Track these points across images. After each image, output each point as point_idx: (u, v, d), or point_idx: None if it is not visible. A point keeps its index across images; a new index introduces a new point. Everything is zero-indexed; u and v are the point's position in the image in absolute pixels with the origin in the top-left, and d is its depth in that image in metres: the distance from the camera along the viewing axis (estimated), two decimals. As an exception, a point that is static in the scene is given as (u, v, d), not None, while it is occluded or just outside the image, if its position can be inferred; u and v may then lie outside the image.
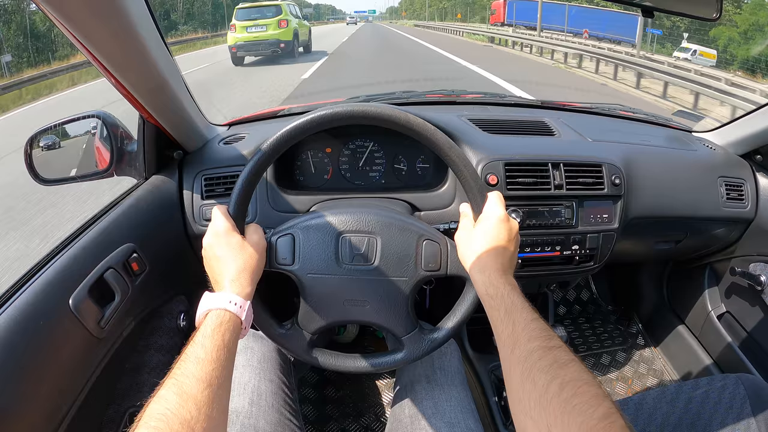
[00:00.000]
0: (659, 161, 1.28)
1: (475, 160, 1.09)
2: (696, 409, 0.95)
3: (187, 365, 0.58)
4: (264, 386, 0.94)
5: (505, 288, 0.68)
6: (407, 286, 0.82)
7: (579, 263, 1.18)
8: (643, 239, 1.35)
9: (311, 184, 1.19)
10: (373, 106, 0.78)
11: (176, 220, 1.11)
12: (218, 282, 0.74)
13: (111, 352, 0.90)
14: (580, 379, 0.51)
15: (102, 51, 0.72)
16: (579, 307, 2.02)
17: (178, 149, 1.13)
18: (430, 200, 1.09)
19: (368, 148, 1.19)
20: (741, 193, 1.31)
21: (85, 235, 0.90)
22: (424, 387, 0.96)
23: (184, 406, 0.52)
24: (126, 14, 0.69)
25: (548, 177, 1.12)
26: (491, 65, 11.00)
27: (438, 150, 0.79)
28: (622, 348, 1.78)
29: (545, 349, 0.56)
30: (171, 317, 1.12)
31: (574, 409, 0.48)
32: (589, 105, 1.63)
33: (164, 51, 0.85)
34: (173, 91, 0.94)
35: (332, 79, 9.53)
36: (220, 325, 0.65)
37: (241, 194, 0.78)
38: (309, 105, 1.43)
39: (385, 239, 0.82)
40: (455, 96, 1.63)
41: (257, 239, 0.79)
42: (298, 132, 0.77)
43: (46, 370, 0.73)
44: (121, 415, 0.94)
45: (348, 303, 0.83)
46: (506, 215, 0.78)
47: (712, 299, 1.54)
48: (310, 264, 0.82)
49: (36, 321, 0.73)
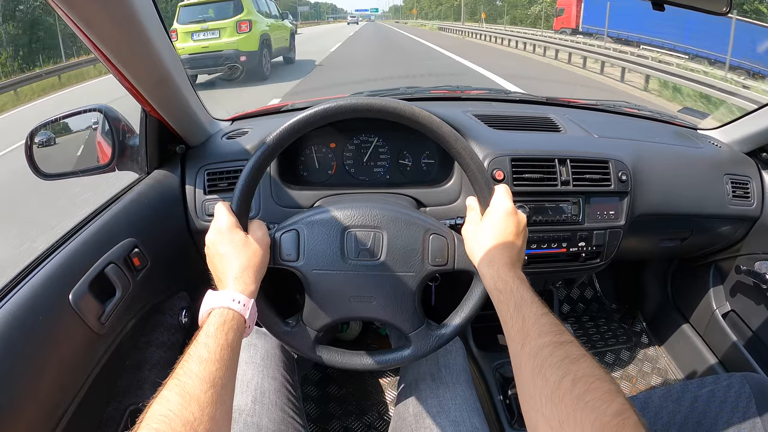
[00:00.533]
0: (665, 158, 1.27)
1: (482, 155, 1.08)
2: (702, 407, 0.94)
3: (190, 365, 0.56)
4: (267, 384, 0.93)
5: (515, 282, 0.67)
6: (414, 282, 0.81)
7: (585, 260, 1.17)
8: (649, 236, 1.34)
9: (315, 179, 1.18)
10: (378, 99, 0.77)
11: (178, 215, 1.10)
12: (222, 280, 0.72)
13: (111, 348, 0.89)
14: (593, 374, 0.50)
15: (106, 43, 0.71)
16: (583, 305, 2.01)
17: (180, 144, 1.12)
18: (435, 196, 1.08)
19: (373, 143, 1.18)
20: (747, 191, 1.30)
21: (85, 229, 0.89)
22: (428, 385, 0.95)
23: (187, 407, 0.51)
24: (130, 5, 0.68)
25: (555, 173, 1.11)
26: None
27: (444, 143, 0.78)
28: (626, 346, 1.77)
29: (556, 344, 0.55)
30: (172, 313, 1.11)
31: (586, 406, 0.47)
32: (594, 102, 1.62)
33: (168, 44, 0.84)
34: (176, 84, 0.93)
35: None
36: (223, 324, 0.63)
37: (244, 190, 0.77)
38: (312, 100, 1.42)
39: (392, 234, 0.81)
40: (460, 92, 1.62)
41: (261, 235, 0.78)
42: (302, 126, 0.76)
43: (46, 366, 0.72)
44: (121, 412, 0.93)
45: (354, 299, 0.82)
46: (514, 208, 0.77)
47: (717, 298, 1.53)
48: (315, 260, 0.80)
49: (36, 316, 0.72)
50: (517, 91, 2.10)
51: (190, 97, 1.03)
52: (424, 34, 27.52)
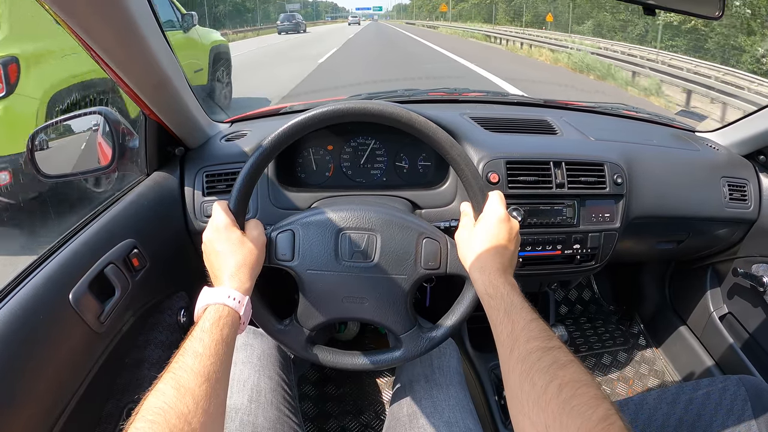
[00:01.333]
0: (662, 161, 1.27)
1: (477, 158, 1.09)
2: (696, 410, 0.95)
3: (185, 359, 0.58)
4: (263, 383, 0.94)
5: (505, 288, 0.68)
6: (406, 284, 0.82)
7: (580, 262, 1.18)
8: (645, 239, 1.34)
9: (312, 181, 1.19)
10: (375, 103, 0.78)
11: (177, 216, 1.11)
12: (217, 277, 0.74)
13: (110, 347, 0.90)
14: (579, 380, 0.51)
15: (103, 47, 0.72)
16: (581, 306, 2.01)
17: (179, 146, 1.13)
18: (431, 198, 1.09)
19: (370, 145, 1.19)
20: (744, 194, 1.31)
21: (86, 230, 0.90)
22: (422, 386, 0.96)
23: (182, 400, 0.52)
24: (127, 11, 0.69)
25: (550, 176, 1.11)
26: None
27: (439, 148, 0.79)
28: (623, 348, 1.78)
29: (544, 350, 0.56)
30: (171, 313, 1.12)
31: (572, 411, 0.48)
32: (593, 104, 1.62)
33: (165, 47, 0.85)
34: (175, 87, 0.94)
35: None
36: (218, 319, 0.65)
37: (242, 190, 0.78)
38: (311, 102, 1.43)
39: (385, 237, 0.82)
40: (458, 94, 1.63)
41: (257, 235, 0.79)
42: (298, 129, 0.77)
43: (46, 365, 0.74)
44: (120, 410, 0.94)
45: (347, 300, 0.83)
46: (507, 215, 0.78)
47: (714, 300, 1.54)
48: (310, 260, 0.82)
49: (36, 315, 0.73)
50: (516, 94, 2.11)
51: (189, 99, 1.04)
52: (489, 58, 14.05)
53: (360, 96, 1.54)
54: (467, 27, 30.67)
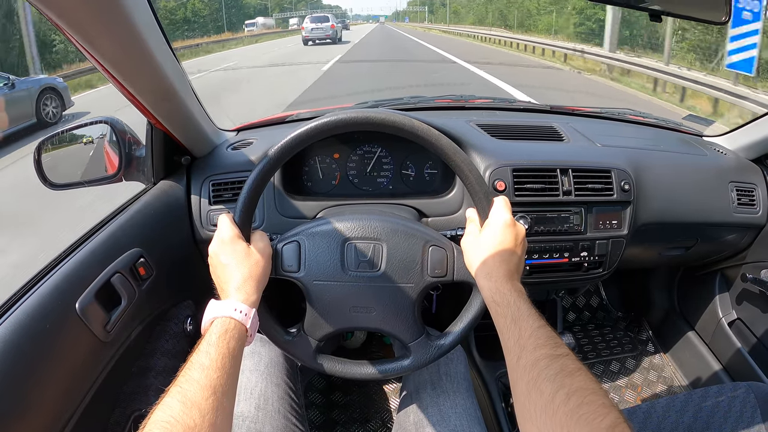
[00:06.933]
0: (669, 166, 1.27)
1: (483, 166, 1.09)
2: (706, 417, 0.93)
3: (192, 373, 0.58)
4: (270, 391, 0.94)
5: (512, 294, 0.68)
6: (413, 293, 0.82)
7: (588, 270, 1.17)
8: (653, 245, 1.33)
9: (319, 189, 1.19)
10: (378, 112, 0.78)
11: (184, 225, 1.12)
12: (224, 290, 0.74)
13: (117, 355, 0.90)
14: (587, 388, 0.51)
15: (108, 58, 0.73)
16: (589, 313, 2.00)
17: (186, 155, 1.14)
18: (437, 206, 1.09)
19: (376, 153, 1.19)
20: (752, 199, 1.30)
21: (92, 239, 0.90)
22: (429, 394, 0.95)
23: (188, 414, 0.52)
24: (131, 21, 0.69)
25: (557, 183, 1.11)
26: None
27: (443, 155, 0.79)
28: (631, 355, 1.76)
29: (552, 358, 0.56)
30: (177, 321, 1.12)
31: (580, 419, 0.47)
32: (599, 110, 1.62)
33: (171, 57, 0.85)
34: (180, 97, 0.95)
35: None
36: (225, 333, 0.65)
37: (247, 201, 0.78)
38: (317, 110, 1.43)
39: (391, 245, 0.82)
40: (464, 101, 1.63)
41: (263, 246, 0.79)
42: (302, 139, 0.77)
43: (52, 373, 0.74)
44: (126, 418, 0.94)
45: (354, 310, 0.83)
46: (512, 220, 0.77)
47: (723, 306, 1.52)
48: (316, 271, 0.82)
49: (43, 324, 0.73)
50: (523, 100, 2.11)
51: (195, 109, 1.04)
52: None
53: (366, 103, 1.54)
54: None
